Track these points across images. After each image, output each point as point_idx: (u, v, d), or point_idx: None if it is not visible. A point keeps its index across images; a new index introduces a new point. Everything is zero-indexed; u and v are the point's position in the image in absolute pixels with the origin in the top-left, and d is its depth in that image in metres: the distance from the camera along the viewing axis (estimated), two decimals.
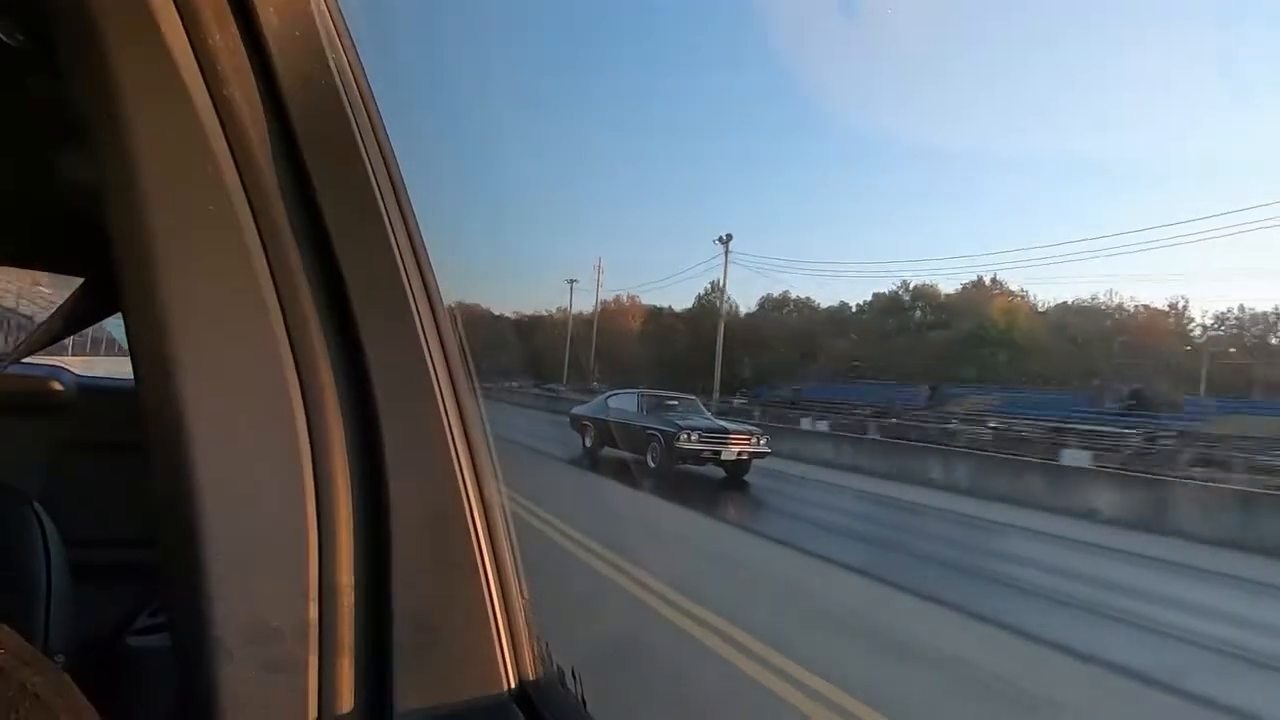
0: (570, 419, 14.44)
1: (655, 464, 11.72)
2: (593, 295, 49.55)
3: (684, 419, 12.24)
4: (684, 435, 11.57)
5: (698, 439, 11.61)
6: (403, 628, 0.54)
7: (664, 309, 51.58)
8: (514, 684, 0.58)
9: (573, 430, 13.99)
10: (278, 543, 0.52)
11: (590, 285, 48.79)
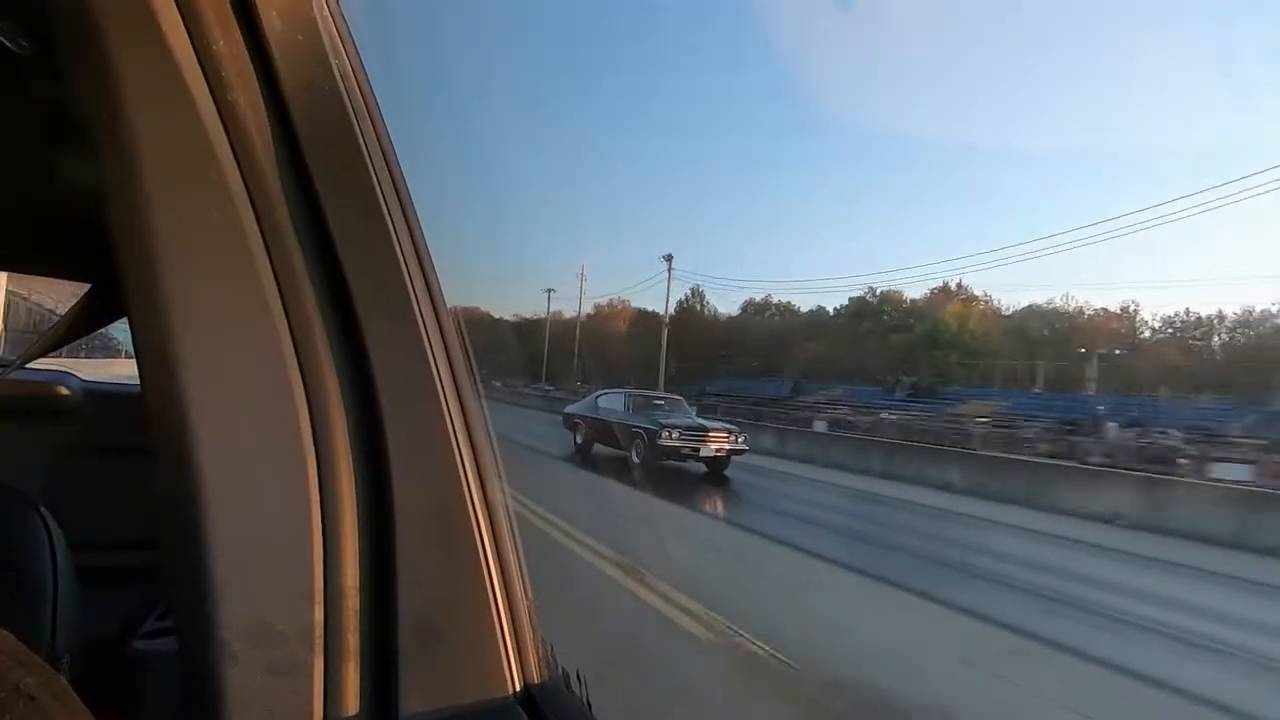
0: (563, 417, 14.58)
1: (639, 460, 11.79)
2: (596, 298, 50.02)
3: (667, 418, 12.35)
4: (665, 433, 11.70)
5: (678, 436, 11.75)
6: (407, 630, 0.52)
7: (650, 312, 51.91)
8: (519, 686, 0.55)
9: (565, 428, 14.11)
10: (282, 545, 0.50)
11: (592, 290, 48.93)
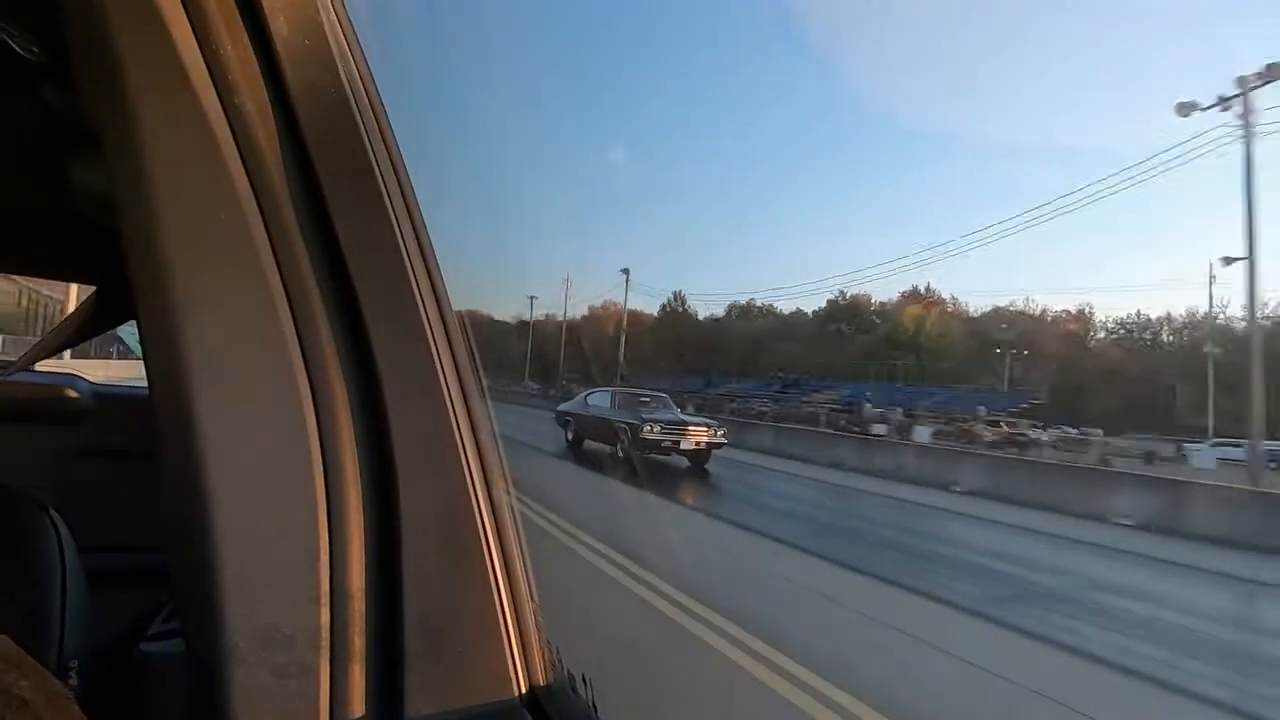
0: (555, 415, 14.64)
1: (624, 453, 11.81)
2: (591, 300, 50.08)
3: (651, 413, 12.40)
4: (647, 427, 11.76)
5: (659, 431, 11.83)
6: (413, 632, 0.49)
7: (641, 314, 52.27)
8: (525, 689, 0.53)
9: (557, 425, 14.16)
10: (289, 548, 0.47)
11: (594, 293, 49.04)
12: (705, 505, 9.37)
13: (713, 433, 12.27)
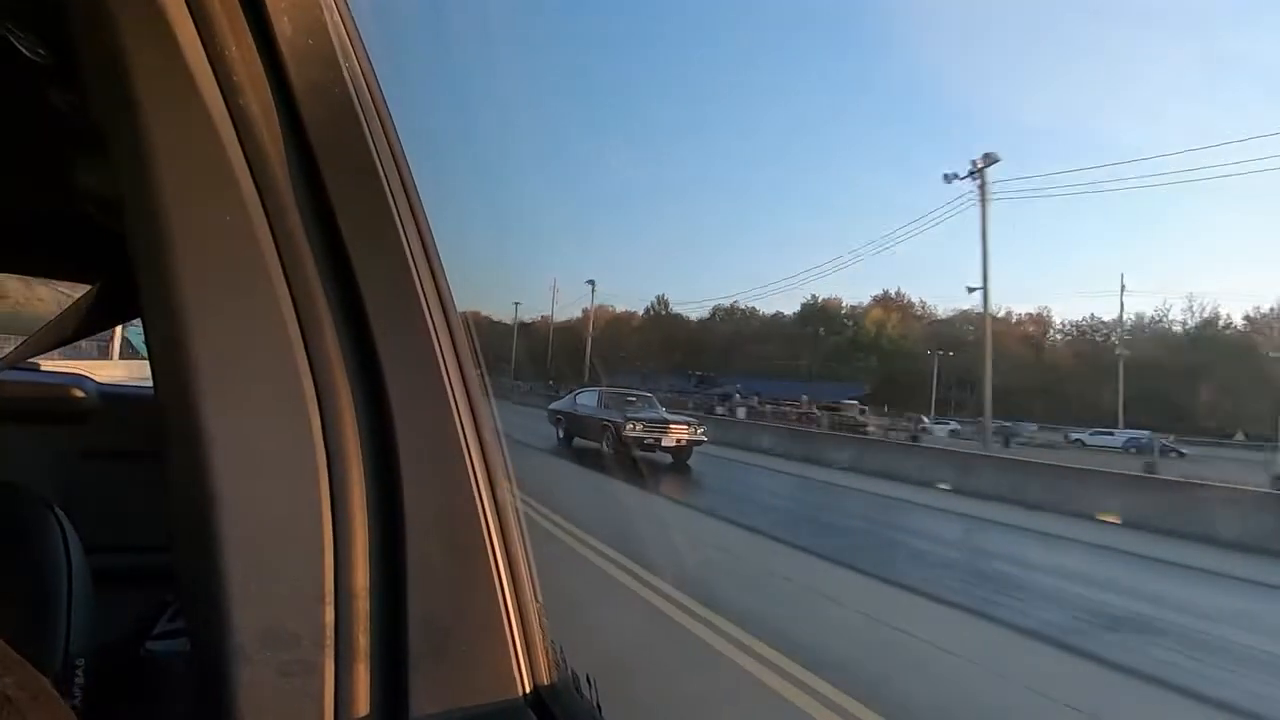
0: (548, 413, 14.65)
1: (609, 450, 11.85)
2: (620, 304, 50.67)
3: (636, 412, 12.43)
4: (630, 425, 11.83)
5: (642, 428, 11.91)
6: (417, 632, 0.47)
7: (632, 315, 52.53)
8: (529, 689, 0.50)
9: (550, 424, 14.20)
10: (294, 548, 0.45)
11: (599, 296, 49.04)
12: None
13: (693, 430, 12.32)
